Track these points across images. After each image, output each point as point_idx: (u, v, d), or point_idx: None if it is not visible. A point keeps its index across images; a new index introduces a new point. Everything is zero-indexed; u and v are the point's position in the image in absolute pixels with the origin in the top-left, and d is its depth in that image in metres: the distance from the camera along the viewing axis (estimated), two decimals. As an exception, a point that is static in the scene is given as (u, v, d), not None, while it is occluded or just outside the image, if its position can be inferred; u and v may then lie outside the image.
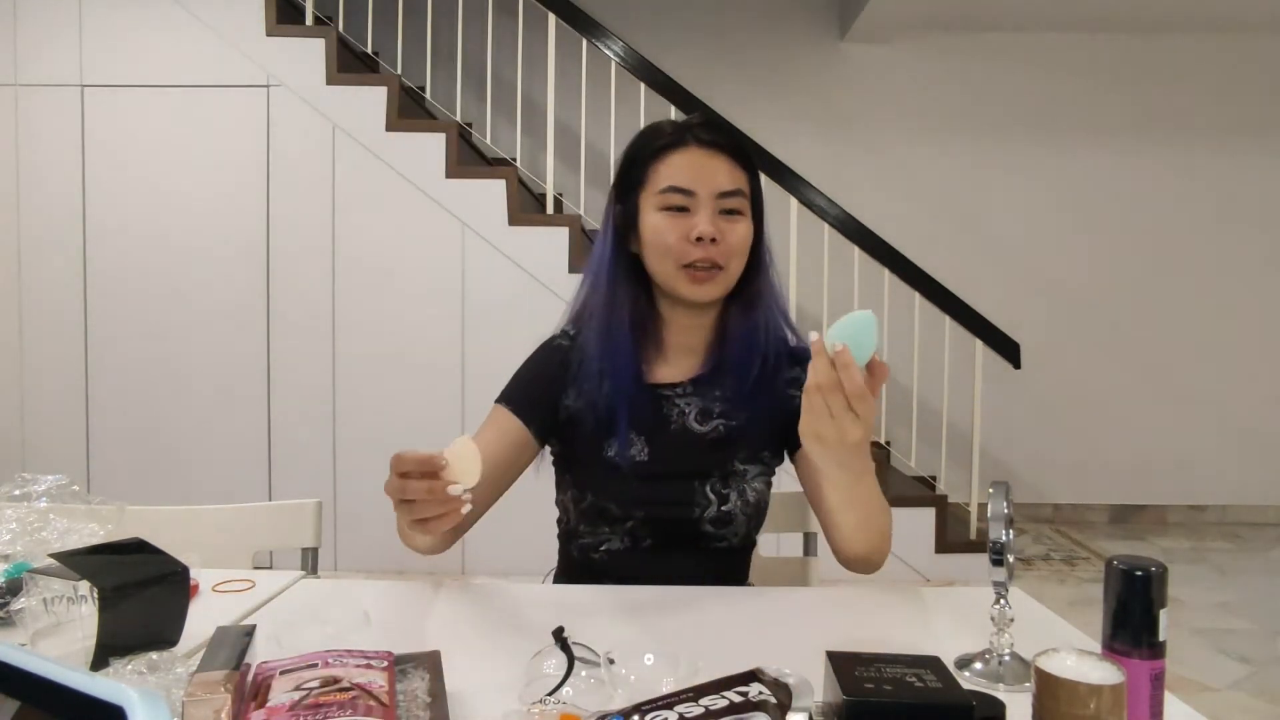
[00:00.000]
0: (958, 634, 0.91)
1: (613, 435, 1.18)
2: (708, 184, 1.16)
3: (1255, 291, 4.61)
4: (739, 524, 1.20)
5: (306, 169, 3.53)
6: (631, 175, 1.21)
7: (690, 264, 1.15)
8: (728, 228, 1.16)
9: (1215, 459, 4.61)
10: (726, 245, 1.15)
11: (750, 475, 1.22)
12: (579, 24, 3.59)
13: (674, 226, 1.16)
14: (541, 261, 3.51)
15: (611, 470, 1.18)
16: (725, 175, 1.17)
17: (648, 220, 1.18)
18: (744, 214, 1.18)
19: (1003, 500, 0.82)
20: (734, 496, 1.19)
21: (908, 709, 0.61)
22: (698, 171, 1.16)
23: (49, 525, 0.96)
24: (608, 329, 1.19)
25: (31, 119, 3.56)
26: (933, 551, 3.57)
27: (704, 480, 1.19)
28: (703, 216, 1.15)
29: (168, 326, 3.58)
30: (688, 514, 1.18)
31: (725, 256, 1.16)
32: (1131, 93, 4.58)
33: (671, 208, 1.16)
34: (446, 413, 3.52)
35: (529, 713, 0.69)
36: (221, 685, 0.65)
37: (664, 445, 1.20)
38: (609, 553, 1.20)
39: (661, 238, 1.16)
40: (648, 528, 1.19)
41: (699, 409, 1.22)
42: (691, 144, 1.18)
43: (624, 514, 1.19)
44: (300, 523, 1.32)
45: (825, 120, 4.60)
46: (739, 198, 1.17)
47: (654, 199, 1.17)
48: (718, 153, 1.18)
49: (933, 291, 3.63)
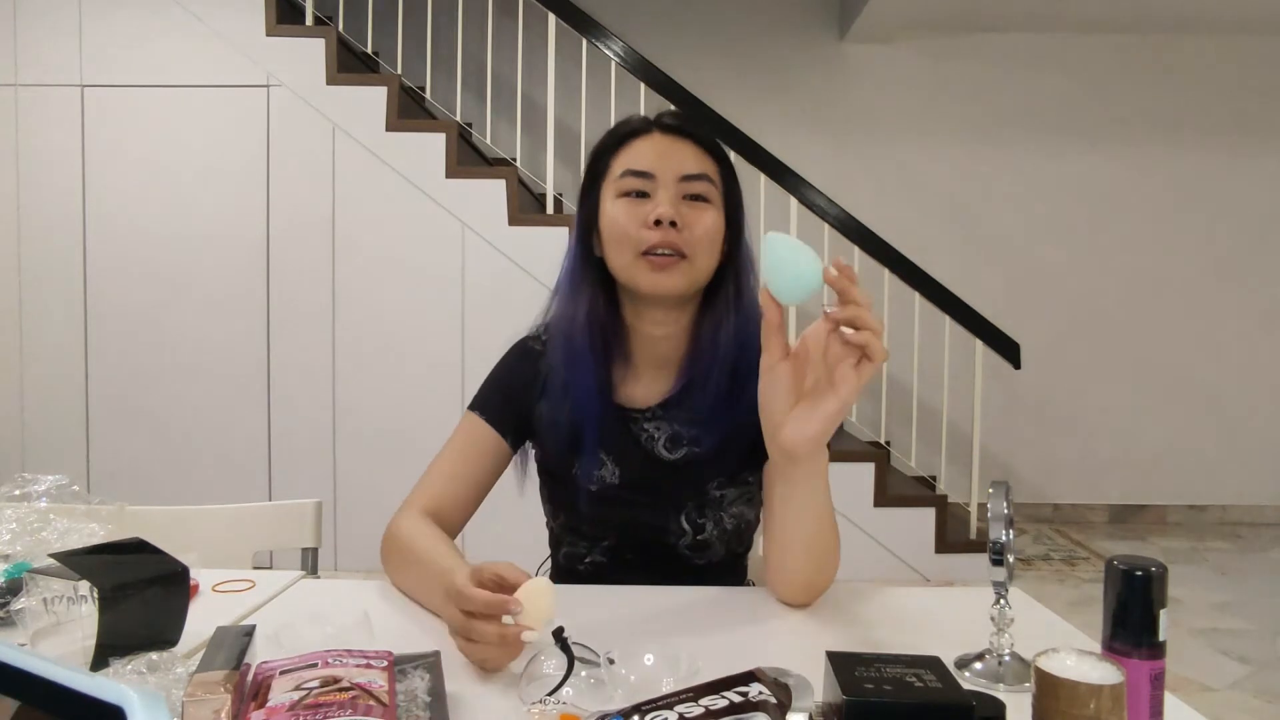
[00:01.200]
0: (958, 634, 0.91)
1: (579, 454, 1.11)
2: (669, 166, 1.06)
3: (1255, 291, 4.61)
4: (716, 550, 1.14)
5: (306, 169, 3.53)
6: (594, 167, 1.13)
7: (649, 251, 1.04)
8: (692, 214, 1.06)
9: (1215, 459, 4.61)
10: (690, 233, 1.05)
11: (728, 500, 1.13)
12: (579, 24, 3.59)
13: (632, 212, 1.06)
14: (541, 261, 3.50)
15: (580, 491, 1.12)
16: (689, 158, 1.08)
17: (607, 210, 1.09)
18: (711, 202, 1.08)
19: (1003, 500, 0.82)
20: (710, 526, 1.12)
21: (908, 709, 0.60)
22: (658, 155, 1.07)
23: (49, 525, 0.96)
24: (570, 340, 1.11)
25: (31, 119, 3.56)
26: (933, 551, 3.57)
27: (678, 510, 1.12)
28: (662, 197, 1.05)
29: (168, 327, 3.58)
30: (663, 538, 1.13)
31: (689, 245, 1.05)
32: (1131, 93, 4.58)
33: (630, 193, 1.07)
34: (446, 412, 3.51)
35: (529, 713, 0.69)
36: (221, 685, 0.65)
37: (634, 469, 1.12)
38: (593, 564, 1.17)
39: (619, 225, 1.06)
40: (625, 545, 1.15)
41: (668, 435, 1.12)
42: (655, 131, 1.10)
43: (598, 533, 1.15)
44: (300, 523, 1.32)
45: (825, 120, 4.60)
46: (705, 182, 1.07)
47: (614, 185, 1.09)
48: (683, 138, 1.09)
49: (933, 291, 3.63)
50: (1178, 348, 4.62)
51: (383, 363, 3.55)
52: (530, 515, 1.30)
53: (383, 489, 3.52)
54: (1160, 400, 4.63)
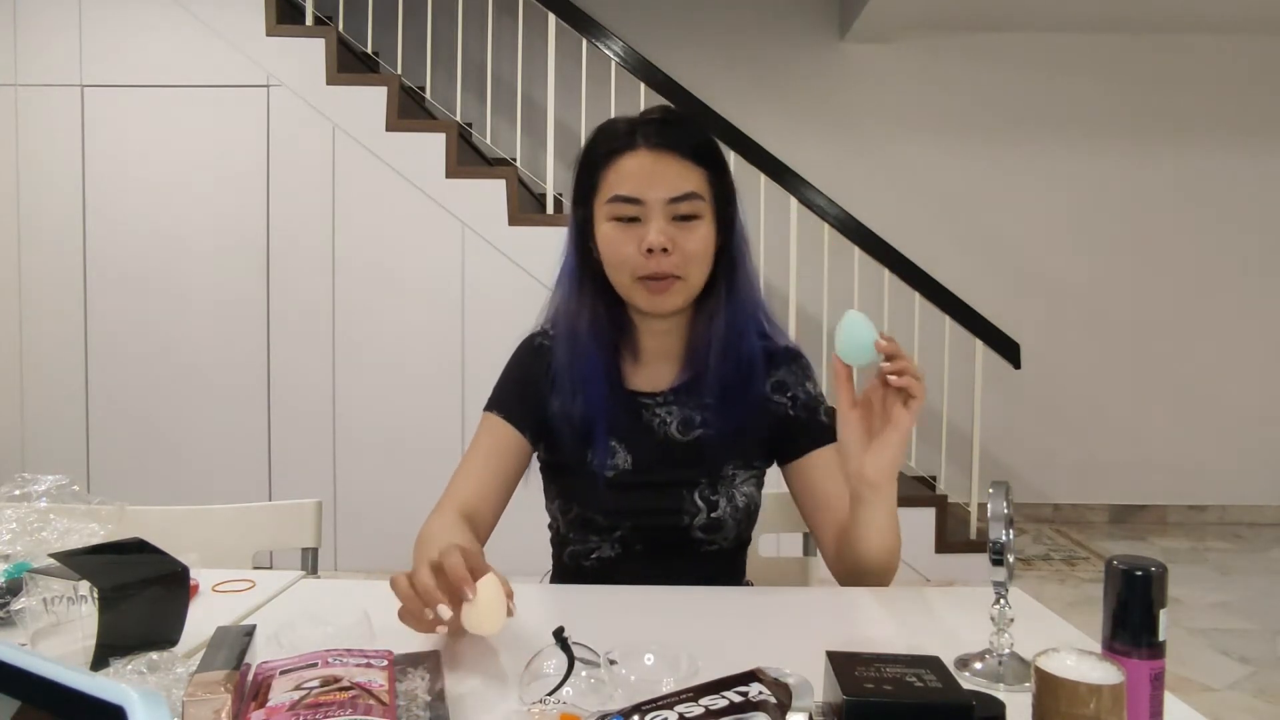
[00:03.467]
0: (958, 634, 0.91)
1: (592, 444, 1.15)
2: (656, 190, 1.10)
3: (1255, 291, 4.61)
4: (729, 529, 1.17)
5: (306, 169, 3.53)
6: (585, 180, 1.17)
7: (646, 276, 1.10)
8: (682, 236, 1.10)
9: (1215, 459, 4.61)
10: (682, 255, 1.10)
11: (739, 480, 1.18)
12: (579, 24, 3.59)
13: (625, 238, 1.11)
14: (541, 261, 3.50)
15: (594, 480, 1.15)
16: (676, 178, 1.11)
17: (601, 230, 1.14)
18: (701, 217, 1.12)
19: (1003, 500, 0.82)
20: (723, 503, 1.16)
21: (908, 709, 0.61)
22: (646, 178, 1.10)
23: (49, 525, 0.96)
24: (573, 336, 1.17)
25: (31, 119, 3.56)
26: (933, 551, 3.57)
27: (691, 488, 1.16)
28: (653, 227, 1.09)
29: (168, 326, 3.58)
30: (676, 521, 1.16)
31: (682, 266, 1.11)
32: (1131, 93, 4.58)
33: (621, 218, 1.11)
34: (446, 411, 3.52)
35: (529, 713, 0.69)
36: (221, 685, 0.65)
37: (647, 453, 1.17)
38: (600, 559, 1.18)
39: (614, 249, 1.12)
40: (637, 535, 1.17)
41: (680, 419, 1.18)
42: (640, 147, 1.12)
43: (611, 524, 1.17)
44: (300, 523, 1.32)
45: (825, 120, 4.60)
46: (693, 201, 1.11)
47: (604, 208, 1.13)
48: (668, 154, 1.11)
49: (933, 291, 3.63)
50: (1178, 348, 4.62)
51: (383, 362, 3.55)
52: (529, 516, 1.30)
53: (383, 488, 3.55)
54: (1160, 400, 4.63)
